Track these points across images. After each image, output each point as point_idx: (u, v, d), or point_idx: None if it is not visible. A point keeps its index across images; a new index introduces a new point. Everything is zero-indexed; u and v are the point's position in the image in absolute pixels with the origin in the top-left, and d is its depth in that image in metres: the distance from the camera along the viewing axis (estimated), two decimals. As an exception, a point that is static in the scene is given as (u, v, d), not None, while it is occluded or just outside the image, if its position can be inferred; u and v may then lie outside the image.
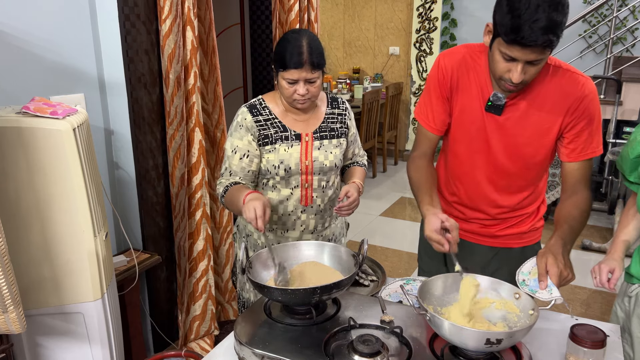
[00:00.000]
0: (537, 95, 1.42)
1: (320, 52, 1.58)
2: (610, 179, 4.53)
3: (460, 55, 1.49)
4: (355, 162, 1.87)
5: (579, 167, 1.46)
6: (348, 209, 1.63)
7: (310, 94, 1.60)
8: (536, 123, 1.44)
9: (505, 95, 1.42)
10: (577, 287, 3.29)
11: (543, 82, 1.41)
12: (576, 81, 1.41)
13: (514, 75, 1.29)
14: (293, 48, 1.54)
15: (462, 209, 1.64)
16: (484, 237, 1.65)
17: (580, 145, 1.44)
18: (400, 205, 4.85)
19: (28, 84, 1.83)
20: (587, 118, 1.42)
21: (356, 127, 1.85)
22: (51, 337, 1.66)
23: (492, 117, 1.46)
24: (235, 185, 1.63)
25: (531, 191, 1.58)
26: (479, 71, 1.46)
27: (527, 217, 1.63)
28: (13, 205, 1.49)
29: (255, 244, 1.78)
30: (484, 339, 1.07)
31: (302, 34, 1.59)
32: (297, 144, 1.66)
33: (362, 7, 6.31)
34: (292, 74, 1.55)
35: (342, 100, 1.81)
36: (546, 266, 1.27)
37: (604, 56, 4.95)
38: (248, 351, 1.21)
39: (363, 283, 1.61)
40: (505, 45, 1.26)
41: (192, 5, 2.18)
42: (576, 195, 1.44)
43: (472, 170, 1.55)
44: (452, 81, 1.49)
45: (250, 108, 1.68)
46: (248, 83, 3.84)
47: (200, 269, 2.48)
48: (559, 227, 1.37)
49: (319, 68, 1.58)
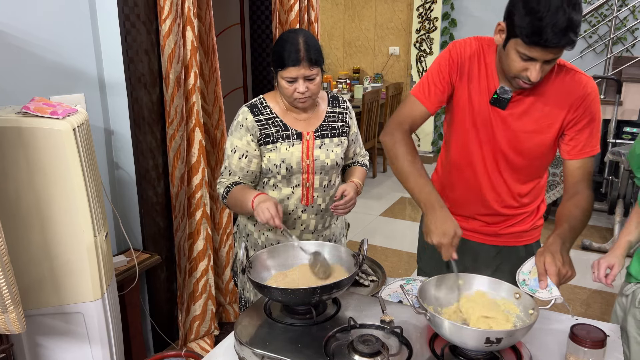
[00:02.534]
0: (541, 92, 1.44)
1: (317, 49, 1.58)
2: (610, 179, 4.52)
3: (475, 47, 1.50)
4: (356, 162, 1.87)
5: (580, 165, 1.48)
6: (344, 208, 1.63)
7: (310, 91, 1.60)
8: (538, 119, 1.46)
9: (512, 90, 1.43)
10: (577, 287, 3.29)
11: (548, 80, 1.43)
12: (579, 80, 1.44)
13: (533, 74, 1.31)
14: (290, 46, 1.55)
15: (465, 205, 1.63)
16: (486, 236, 1.66)
17: (581, 143, 1.46)
18: (400, 205, 4.85)
19: (28, 84, 1.83)
20: (589, 116, 1.44)
21: (357, 127, 1.85)
22: (51, 337, 1.66)
23: (497, 111, 1.47)
24: (237, 186, 1.64)
25: (533, 185, 1.59)
26: (488, 65, 1.48)
27: (528, 216, 1.64)
28: (13, 205, 1.49)
29: (255, 243, 1.78)
30: (484, 338, 1.07)
31: (298, 32, 1.60)
32: (298, 143, 1.67)
33: (362, 7, 6.31)
34: (290, 72, 1.56)
35: (343, 99, 1.81)
36: (544, 265, 1.27)
37: (604, 56, 4.95)
38: (248, 351, 1.21)
39: (363, 283, 1.61)
40: (525, 47, 1.27)
41: (192, 5, 2.18)
42: (578, 195, 1.45)
43: (481, 159, 1.55)
44: (462, 68, 1.50)
45: (251, 108, 1.68)
46: (248, 83, 3.84)
47: (200, 269, 2.48)
48: (559, 226, 1.37)
49: (317, 65, 1.58)
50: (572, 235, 1.36)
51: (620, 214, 4.06)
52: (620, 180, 4.18)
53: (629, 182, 4.17)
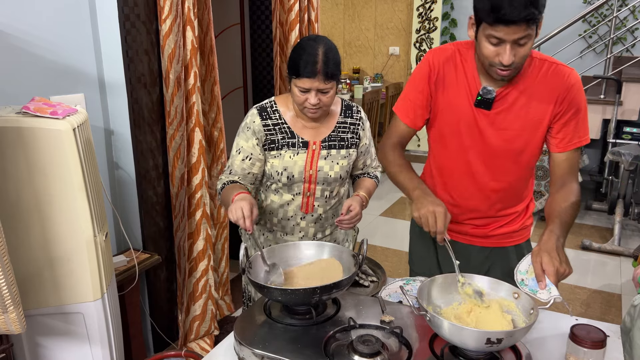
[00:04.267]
0: (525, 88, 1.45)
1: (335, 63, 1.52)
2: (610, 179, 4.53)
3: (449, 52, 1.51)
4: (366, 174, 1.81)
5: (567, 158, 1.48)
6: (349, 223, 1.60)
7: (322, 103, 1.55)
8: (527, 115, 1.46)
9: (494, 89, 1.44)
10: (577, 287, 3.29)
11: (530, 75, 1.44)
12: (562, 72, 1.45)
13: (504, 57, 1.31)
14: (308, 56, 1.49)
15: (455, 209, 1.62)
16: (476, 238, 1.65)
17: (569, 135, 1.47)
18: (400, 205, 4.85)
19: (28, 84, 1.83)
20: (575, 107, 1.45)
21: (371, 138, 1.78)
22: (51, 337, 1.66)
23: (483, 112, 1.47)
24: (231, 184, 1.63)
25: (522, 184, 1.59)
26: (467, 67, 1.48)
27: (517, 216, 1.64)
28: (13, 205, 1.49)
29: (255, 242, 1.78)
30: (485, 339, 1.07)
31: (319, 41, 1.53)
32: (303, 152, 1.63)
33: (362, 7, 6.31)
34: (304, 82, 1.51)
35: (358, 109, 1.73)
36: (541, 265, 1.27)
37: (604, 56, 4.95)
38: (248, 351, 1.21)
39: (363, 284, 1.61)
40: (490, 27, 1.28)
41: (192, 5, 2.18)
42: (565, 188, 1.46)
43: (467, 165, 1.55)
44: (437, 77, 1.51)
45: (260, 111, 1.64)
46: (248, 83, 3.84)
47: (200, 269, 2.48)
48: (551, 222, 1.38)
49: (332, 79, 1.52)
50: (564, 230, 1.36)
51: (620, 214, 4.06)
52: (620, 180, 4.18)
53: (629, 182, 4.18)
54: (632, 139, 4.60)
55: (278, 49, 2.77)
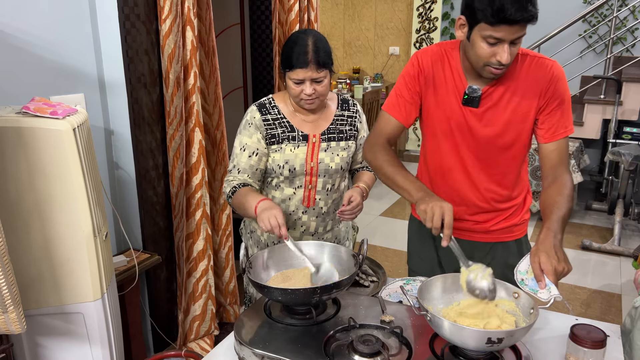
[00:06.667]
0: (510, 83, 1.47)
1: (326, 52, 1.58)
2: (610, 179, 4.53)
3: (437, 53, 1.53)
4: (365, 167, 1.84)
5: (555, 148, 1.50)
6: (350, 214, 1.61)
7: (318, 93, 1.60)
8: (514, 109, 1.48)
9: (480, 87, 1.46)
10: (577, 287, 3.29)
11: (514, 70, 1.46)
12: (544, 65, 1.47)
13: (503, 56, 1.32)
14: (299, 48, 1.54)
15: (454, 207, 1.62)
16: (478, 234, 1.66)
17: (554, 125, 1.49)
18: (400, 205, 4.85)
19: (28, 84, 1.83)
20: (559, 98, 1.47)
21: (368, 132, 1.79)
22: (51, 337, 1.66)
23: (471, 110, 1.49)
24: (243, 188, 1.62)
25: (517, 176, 1.60)
26: (453, 67, 1.50)
27: (517, 209, 1.65)
28: (13, 205, 1.49)
29: (258, 240, 1.79)
30: (485, 339, 1.07)
31: (308, 33, 1.59)
32: (303, 145, 1.66)
33: (362, 7, 6.31)
34: (297, 73, 1.55)
35: (354, 102, 1.79)
36: (540, 265, 1.27)
37: (604, 56, 4.95)
38: (248, 351, 1.21)
39: (363, 284, 1.61)
40: (491, 28, 1.29)
41: (192, 5, 2.18)
42: (557, 181, 1.46)
43: (460, 162, 1.56)
44: (427, 76, 1.53)
45: (259, 107, 1.68)
46: (248, 83, 3.84)
47: (200, 269, 2.48)
48: (547, 218, 1.38)
49: (325, 67, 1.57)
50: (561, 225, 1.36)
51: (620, 214, 4.06)
52: (620, 180, 4.18)
53: (628, 182, 4.18)
54: (632, 139, 4.61)
55: (278, 49, 2.77)
